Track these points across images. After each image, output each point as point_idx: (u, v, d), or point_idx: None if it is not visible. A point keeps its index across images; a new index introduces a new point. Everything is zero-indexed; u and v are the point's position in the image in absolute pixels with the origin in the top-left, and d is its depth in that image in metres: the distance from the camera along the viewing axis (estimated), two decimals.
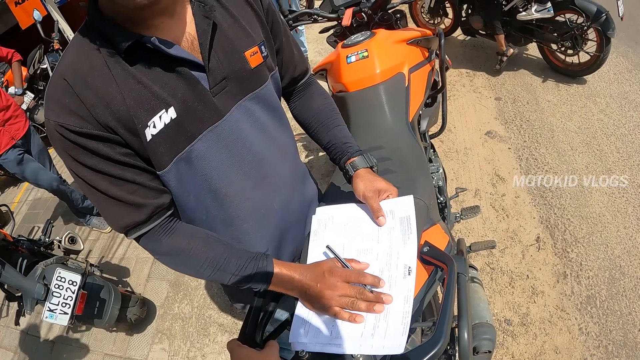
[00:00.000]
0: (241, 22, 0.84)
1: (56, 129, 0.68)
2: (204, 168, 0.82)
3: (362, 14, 1.71)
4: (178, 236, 0.81)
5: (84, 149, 0.70)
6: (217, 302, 2.46)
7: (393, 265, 0.79)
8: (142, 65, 0.72)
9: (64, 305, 2.02)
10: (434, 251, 0.85)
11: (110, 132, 0.71)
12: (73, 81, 0.68)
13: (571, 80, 3.29)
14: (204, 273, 0.81)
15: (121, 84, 0.70)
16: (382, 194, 0.91)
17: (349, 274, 0.78)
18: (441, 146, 2.96)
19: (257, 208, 0.94)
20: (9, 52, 3.15)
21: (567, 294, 1.93)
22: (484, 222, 2.35)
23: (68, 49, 0.74)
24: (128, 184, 0.74)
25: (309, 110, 1.08)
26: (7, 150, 2.91)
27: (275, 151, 0.94)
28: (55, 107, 0.69)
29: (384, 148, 1.29)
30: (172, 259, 0.83)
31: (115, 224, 0.78)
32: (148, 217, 0.78)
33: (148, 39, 0.69)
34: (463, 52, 4.08)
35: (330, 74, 1.63)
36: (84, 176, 0.73)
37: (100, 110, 0.69)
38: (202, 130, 0.79)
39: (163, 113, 0.73)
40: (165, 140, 0.75)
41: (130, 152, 0.74)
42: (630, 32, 3.60)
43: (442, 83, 1.74)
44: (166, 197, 0.81)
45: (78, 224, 3.55)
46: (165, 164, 0.78)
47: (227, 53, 0.80)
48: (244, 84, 0.84)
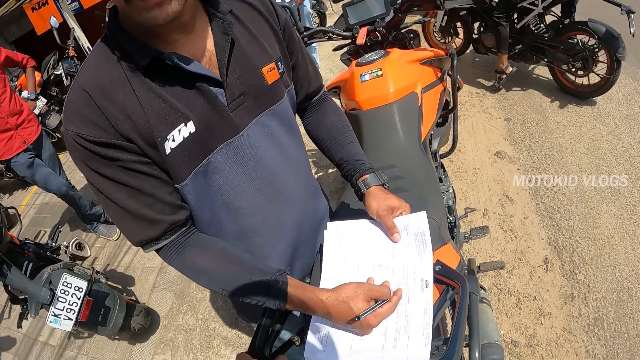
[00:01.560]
0: (258, 39, 0.85)
1: (75, 139, 0.69)
2: (219, 181, 0.83)
3: (377, 33, 1.73)
4: (193, 253, 0.82)
5: (103, 158, 0.71)
6: (222, 314, 2.45)
7: (410, 279, 0.80)
8: (161, 80, 0.73)
9: (68, 310, 2.03)
10: (446, 270, 0.85)
11: (130, 143, 0.72)
12: (94, 93, 0.69)
13: (580, 102, 3.29)
14: (220, 292, 0.82)
15: (141, 98, 0.71)
16: (395, 211, 0.91)
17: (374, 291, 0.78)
18: (450, 166, 2.97)
19: (270, 222, 0.94)
20: (24, 58, 3.20)
21: (575, 316, 1.91)
22: (492, 243, 2.34)
23: (88, 60, 0.75)
24: (145, 197, 0.75)
25: (323, 126, 1.09)
26: (18, 154, 2.95)
27: (289, 167, 0.95)
28: (75, 118, 0.70)
29: (396, 167, 1.30)
30: (188, 275, 0.85)
31: (130, 238, 0.80)
32: (162, 234, 0.79)
33: (167, 56, 0.71)
34: (473, 72, 4.10)
35: (344, 92, 1.65)
36: (101, 187, 0.74)
37: (121, 122, 0.70)
38: (219, 144, 0.80)
39: (182, 127, 0.75)
40: (184, 154, 0.76)
41: (149, 161, 0.75)
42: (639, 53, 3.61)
43: (454, 103, 1.76)
44: (182, 213, 0.81)
45: (85, 230, 3.57)
46: (184, 177, 0.79)
47: (245, 69, 0.81)
48: (261, 100, 0.85)
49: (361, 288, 0.77)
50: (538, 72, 3.80)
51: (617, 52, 2.86)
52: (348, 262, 0.89)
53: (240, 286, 0.79)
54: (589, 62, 3.07)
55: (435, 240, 0.96)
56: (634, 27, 2.83)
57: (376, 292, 0.77)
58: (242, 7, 0.86)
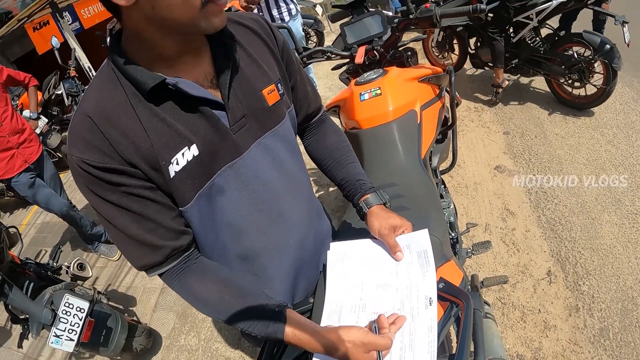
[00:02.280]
0: (258, 61, 0.86)
1: (79, 165, 0.70)
2: (222, 203, 0.83)
3: (375, 51, 1.75)
4: (194, 280, 0.82)
5: (107, 183, 0.71)
6: (225, 335, 2.43)
7: (414, 297, 0.80)
8: (164, 104, 0.74)
9: (70, 331, 2.02)
10: (450, 287, 0.85)
11: (134, 168, 0.73)
12: (97, 118, 0.70)
13: (578, 113, 3.32)
14: (218, 319, 0.84)
15: (145, 122, 0.72)
16: (397, 230, 0.92)
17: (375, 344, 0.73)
18: (451, 181, 2.98)
19: (272, 243, 0.94)
20: (26, 77, 3.21)
21: (580, 327, 1.90)
22: (495, 257, 2.33)
23: (91, 85, 0.76)
24: (148, 222, 0.76)
25: (323, 147, 1.10)
26: (19, 173, 2.95)
27: (291, 188, 0.95)
28: (79, 143, 0.70)
29: (397, 185, 1.30)
30: (187, 300, 0.85)
31: (133, 262, 0.80)
32: (165, 259, 0.79)
33: (170, 81, 0.72)
34: (471, 87, 4.15)
35: (344, 111, 1.66)
36: (104, 212, 0.74)
37: (124, 147, 0.71)
38: (222, 166, 0.81)
39: (186, 150, 0.75)
40: (188, 177, 0.77)
41: (152, 186, 0.76)
42: (635, 61, 3.66)
43: (453, 119, 1.77)
44: (185, 238, 0.82)
45: (86, 250, 3.55)
46: (188, 200, 0.79)
47: (246, 91, 0.83)
48: (263, 122, 0.86)
49: (363, 339, 0.72)
50: (535, 85, 3.84)
51: (613, 62, 2.90)
52: (351, 281, 0.89)
53: (239, 318, 0.79)
54: (585, 73, 3.11)
55: (437, 257, 0.96)
56: (628, 37, 2.89)
57: (378, 344, 0.72)
58: (242, 30, 0.88)
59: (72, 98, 4.94)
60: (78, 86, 4.96)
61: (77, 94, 4.88)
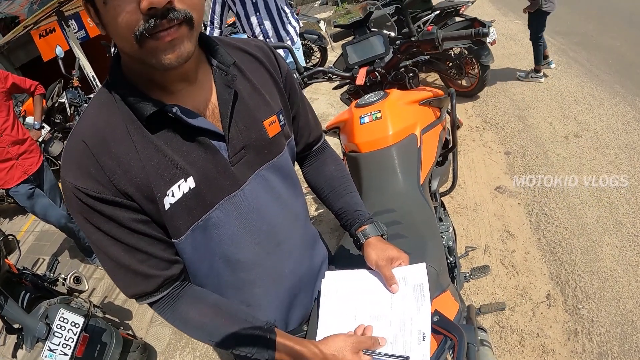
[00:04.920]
0: (260, 91, 0.85)
1: (73, 192, 0.69)
2: (218, 236, 0.82)
3: (376, 73, 1.75)
4: (185, 306, 0.82)
5: (100, 214, 0.70)
6: (220, 352, 2.40)
7: (407, 331, 0.80)
8: (162, 134, 0.73)
9: (64, 346, 2.00)
10: (444, 321, 0.84)
11: (128, 199, 0.71)
12: (93, 145, 0.69)
13: (580, 133, 3.32)
14: (209, 343, 0.83)
15: (141, 152, 0.71)
16: (394, 262, 0.91)
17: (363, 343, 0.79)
18: (451, 202, 2.97)
19: (268, 274, 0.93)
20: (33, 85, 3.16)
21: (579, 352, 1.87)
22: (494, 280, 2.31)
23: (89, 108, 0.75)
24: (140, 253, 0.75)
25: (322, 175, 1.10)
26: (18, 184, 2.94)
27: (288, 218, 0.95)
28: (73, 169, 0.69)
29: (395, 211, 1.29)
30: (178, 326, 0.84)
31: (124, 290, 0.79)
32: (157, 288, 0.78)
33: (170, 108, 0.71)
34: (472, 106, 4.16)
35: (344, 133, 1.66)
36: (97, 240, 0.73)
37: (119, 176, 0.70)
38: (220, 199, 0.80)
39: (182, 182, 0.74)
40: (183, 210, 0.76)
41: (146, 219, 0.75)
42: (637, 80, 3.67)
43: (453, 142, 1.76)
44: (177, 267, 0.81)
45: (83, 261, 3.54)
46: (182, 233, 0.78)
47: (247, 122, 0.81)
48: (262, 154, 0.85)
49: (350, 340, 0.78)
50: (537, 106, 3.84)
51: (480, 59, 3.77)
52: (345, 311, 0.89)
53: (229, 339, 0.80)
54: (461, 68, 4.06)
55: (433, 288, 0.95)
56: (493, 37, 3.96)
57: (365, 343, 0.78)
58: (245, 58, 0.87)
59: (74, 108, 4.96)
60: (81, 96, 4.97)
61: (79, 104, 4.90)
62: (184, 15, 0.62)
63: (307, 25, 6.94)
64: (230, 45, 0.86)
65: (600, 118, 3.48)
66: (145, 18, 0.59)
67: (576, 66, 4.53)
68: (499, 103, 4.17)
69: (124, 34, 0.62)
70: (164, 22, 0.60)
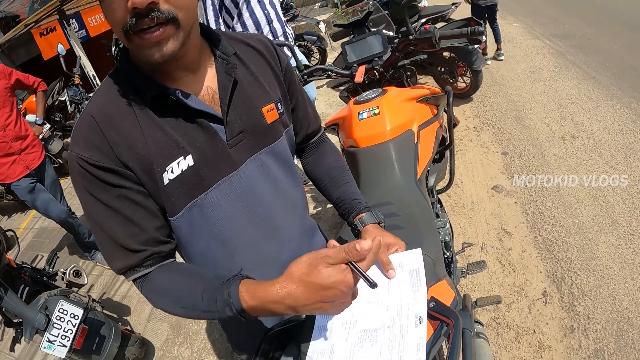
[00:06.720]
0: (260, 80, 0.89)
1: (77, 161, 0.73)
2: (216, 216, 0.85)
3: (374, 71, 1.78)
4: (158, 276, 0.80)
5: (101, 181, 0.74)
6: (218, 348, 2.41)
7: (404, 315, 0.80)
8: (165, 114, 0.77)
9: (63, 337, 2.02)
10: (440, 306, 0.85)
11: (129, 171, 0.75)
12: (100, 120, 0.74)
13: (576, 134, 3.35)
14: (182, 312, 0.78)
15: (145, 129, 0.75)
16: (390, 248, 0.93)
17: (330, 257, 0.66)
18: (448, 200, 2.99)
19: (265, 259, 0.95)
20: (36, 81, 3.18)
21: (575, 348, 1.89)
22: (491, 277, 2.33)
23: (99, 90, 0.81)
24: (133, 226, 0.77)
25: (321, 166, 1.13)
26: (20, 178, 2.96)
27: (286, 204, 0.97)
28: (80, 141, 0.74)
29: (392, 204, 1.31)
30: (155, 302, 0.82)
31: (111, 264, 0.80)
32: (141, 261, 0.78)
33: (172, 92, 0.75)
34: (470, 106, 4.19)
35: (342, 129, 1.68)
36: (94, 211, 0.76)
37: (123, 149, 0.74)
38: (217, 179, 0.83)
39: (181, 160, 0.78)
40: (181, 186, 0.79)
41: (144, 191, 0.78)
42: (634, 82, 3.69)
43: (450, 140, 1.78)
44: (166, 247, 0.82)
45: (82, 257, 3.55)
46: (179, 210, 0.81)
47: (245, 108, 0.85)
48: (260, 139, 0.88)
49: (315, 258, 0.66)
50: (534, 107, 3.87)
51: (471, 64, 3.81)
52: None
53: (195, 297, 0.73)
54: (453, 73, 4.18)
55: (430, 276, 0.97)
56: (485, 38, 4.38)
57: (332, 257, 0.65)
58: (247, 50, 0.91)
59: (75, 105, 4.98)
60: (82, 94, 4.99)
61: (80, 102, 4.92)
62: (166, 15, 0.66)
63: (307, 26, 6.97)
64: (233, 38, 0.91)
65: (597, 119, 3.50)
66: (131, 16, 0.64)
67: (573, 68, 4.57)
68: (497, 104, 4.21)
69: (116, 29, 0.68)
70: (146, 20, 0.65)
